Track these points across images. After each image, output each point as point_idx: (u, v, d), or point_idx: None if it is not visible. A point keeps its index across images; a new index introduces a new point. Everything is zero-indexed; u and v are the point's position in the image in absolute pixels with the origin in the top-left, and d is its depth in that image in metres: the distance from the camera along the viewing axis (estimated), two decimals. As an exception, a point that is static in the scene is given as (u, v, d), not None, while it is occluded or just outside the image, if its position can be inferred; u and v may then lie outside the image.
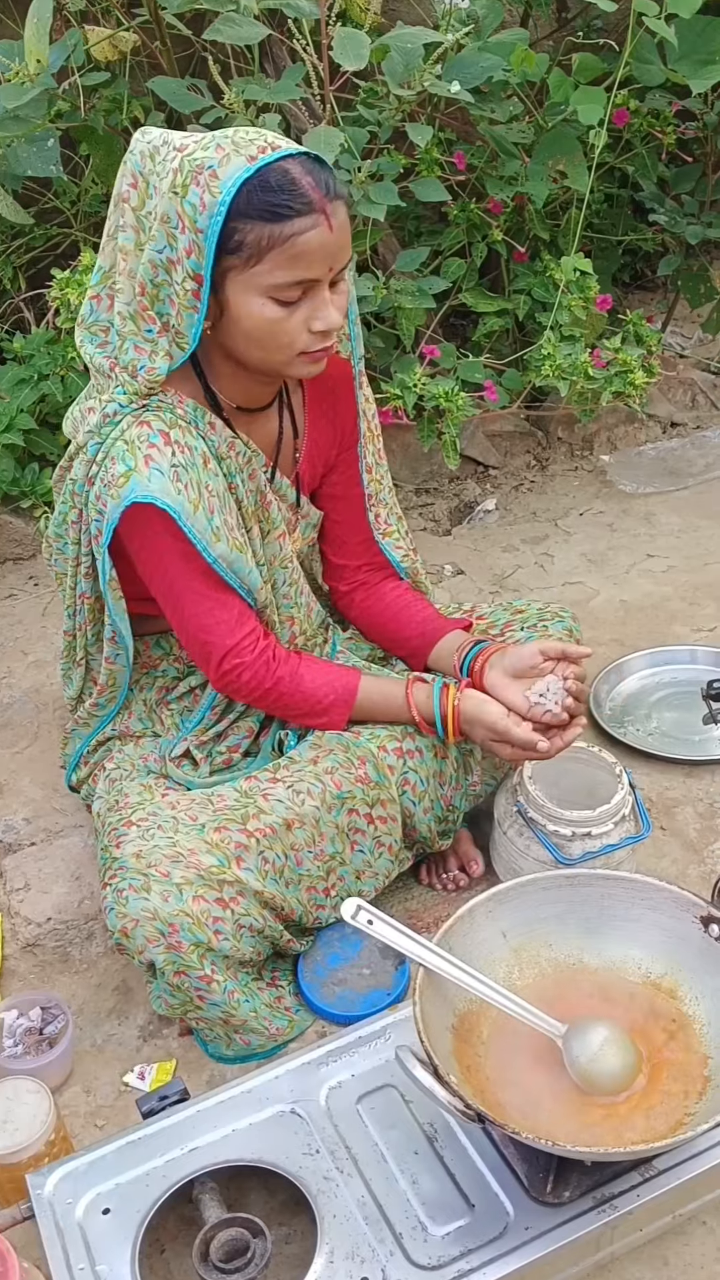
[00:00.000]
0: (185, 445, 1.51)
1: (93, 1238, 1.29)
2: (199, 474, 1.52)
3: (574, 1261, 1.29)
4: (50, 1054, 1.57)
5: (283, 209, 1.38)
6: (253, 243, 1.39)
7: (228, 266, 1.41)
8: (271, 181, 1.38)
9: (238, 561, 1.56)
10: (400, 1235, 1.27)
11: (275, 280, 1.41)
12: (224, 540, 1.54)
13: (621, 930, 1.45)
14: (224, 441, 1.57)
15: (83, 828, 1.93)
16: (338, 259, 1.43)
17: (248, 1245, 1.26)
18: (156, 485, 1.48)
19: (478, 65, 2.27)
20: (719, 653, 2.26)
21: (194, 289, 1.42)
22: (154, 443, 1.49)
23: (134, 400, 1.52)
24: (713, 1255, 1.35)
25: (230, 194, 1.37)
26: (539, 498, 2.85)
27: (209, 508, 1.52)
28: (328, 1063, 1.44)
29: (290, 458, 1.69)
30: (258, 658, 1.61)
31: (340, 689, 1.65)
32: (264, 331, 1.45)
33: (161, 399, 1.53)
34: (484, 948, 1.43)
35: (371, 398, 1.75)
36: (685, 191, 2.86)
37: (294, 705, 1.65)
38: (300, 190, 1.38)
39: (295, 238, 1.38)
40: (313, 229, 1.39)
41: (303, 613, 1.75)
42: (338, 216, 1.41)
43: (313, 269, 1.41)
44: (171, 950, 1.48)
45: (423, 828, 1.72)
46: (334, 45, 2.05)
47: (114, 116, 2.42)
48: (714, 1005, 1.37)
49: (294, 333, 1.45)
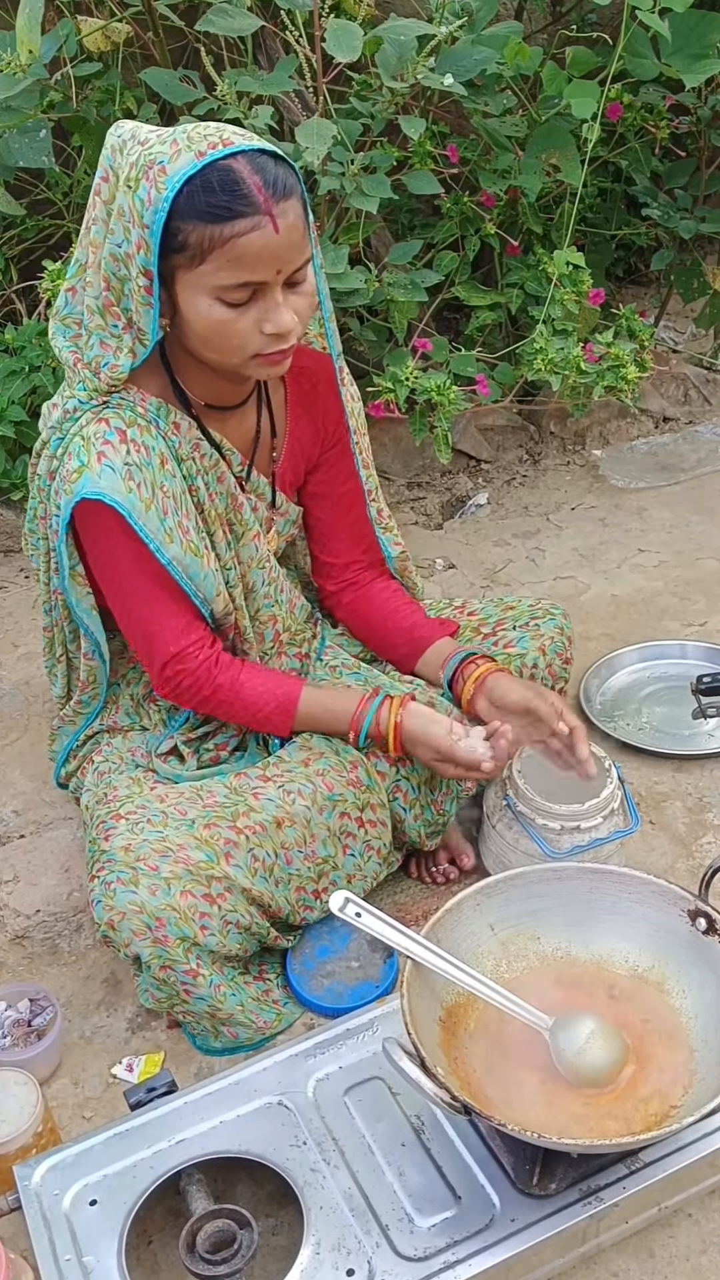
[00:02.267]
0: (142, 444, 1.50)
1: (80, 1229, 1.29)
2: (154, 474, 1.50)
3: (560, 1253, 1.29)
4: (38, 1046, 1.57)
5: (223, 210, 1.35)
6: (195, 243, 1.37)
7: (175, 265, 1.40)
8: (214, 181, 1.35)
9: (193, 565, 1.54)
10: (386, 1227, 1.27)
11: (219, 281, 1.38)
12: (177, 542, 1.52)
13: (609, 924, 1.45)
14: (188, 442, 1.56)
15: (72, 820, 1.92)
16: (287, 260, 1.40)
17: (234, 1236, 1.26)
18: (106, 482, 1.46)
19: (471, 58, 2.26)
20: (709, 648, 2.26)
21: (146, 285, 1.40)
22: (109, 440, 1.48)
23: (94, 397, 1.51)
24: (698, 1247, 1.36)
25: (173, 191, 1.35)
26: (531, 492, 2.85)
27: (162, 508, 1.51)
28: (315, 1055, 1.44)
29: (268, 456, 1.68)
30: (200, 665, 1.59)
31: (281, 698, 1.63)
32: (214, 332, 1.43)
33: (123, 397, 1.51)
34: (472, 941, 1.43)
35: (356, 395, 1.73)
36: (678, 186, 2.86)
37: (235, 712, 1.64)
38: (243, 191, 1.35)
39: (236, 239, 1.36)
40: (254, 231, 1.36)
41: (284, 610, 1.75)
42: (285, 218, 1.37)
43: (258, 271, 1.38)
44: (158, 944, 1.48)
45: (412, 833, 1.72)
46: (327, 37, 2.05)
47: (106, 107, 2.41)
48: (700, 998, 1.37)
49: (245, 335, 1.42)
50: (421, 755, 1.63)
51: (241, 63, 2.40)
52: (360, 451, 1.74)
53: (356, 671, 1.80)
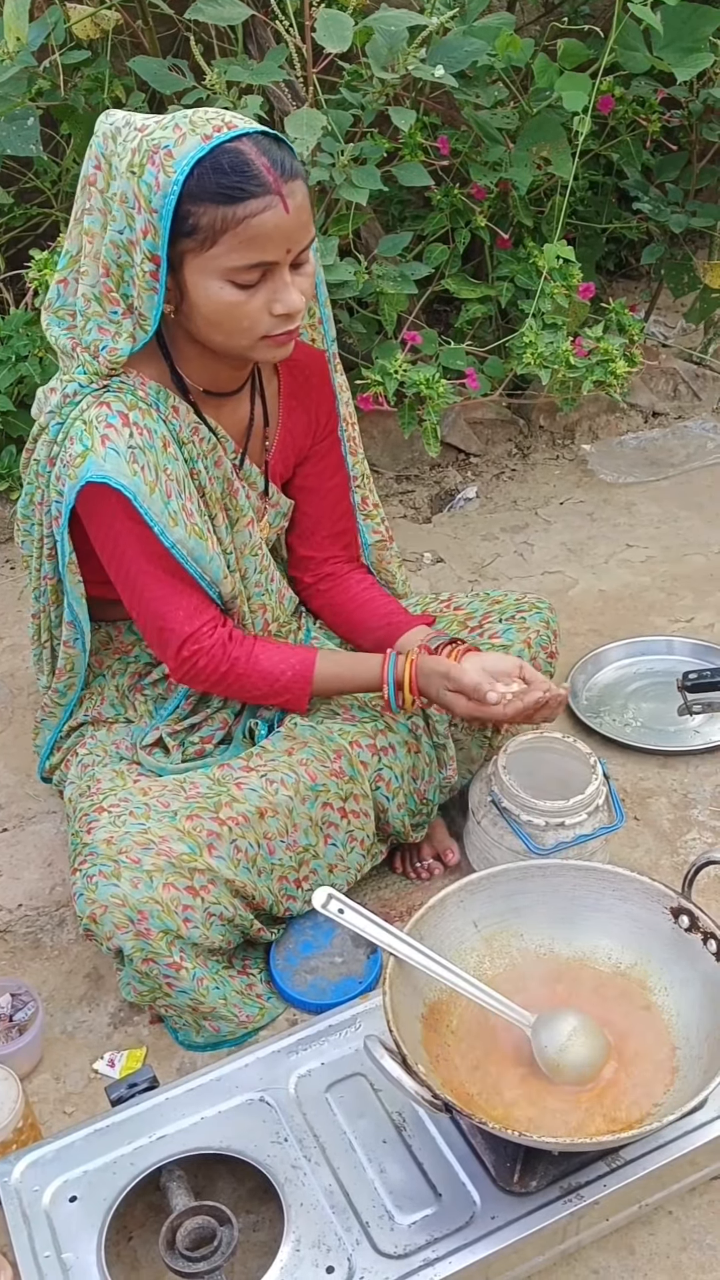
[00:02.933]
0: (144, 427, 1.50)
1: (59, 1225, 1.29)
2: (158, 456, 1.50)
3: (540, 1250, 1.29)
4: (20, 1041, 1.57)
5: (235, 191, 1.35)
6: (207, 226, 1.37)
7: (185, 249, 1.39)
8: (224, 163, 1.36)
9: (198, 548, 1.54)
10: (367, 1224, 1.27)
11: (231, 263, 1.39)
12: (182, 525, 1.52)
13: (592, 920, 1.45)
14: (187, 426, 1.55)
15: (55, 814, 1.92)
16: (296, 240, 1.40)
17: (214, 1233, 1.26)
18: (112, 465, 1.46)
19: (462, 49, 2.25)
20: (696, 644, 2.26)
21: (152, 270, 1.40)
22: (112, 423, 1.48)
23: (94, 380, 1.50)
24: (678, 1245, 1.36)
25: (183, 174, 1.35)
26: (520, 486, 2.85)
27: (166, 491, 1.50)
28: (297, 1051, 1.44)
29: (260, 445, 1.68)
30: (214, 644, 1.59)
31: (297, 664, 1.63)
32: (224, 315, 1.43)
33: (123, 380, 1.51)
34: (455, 937, 1.43)
35: (345, 383, 1.72)
36: (669, 180, 2.85)
37: (253, 686, 1.63)
38: (253, 171, 1.36)
39: (249, 220, 1.36)
40: (267, 210, 1.36)
41: (274, 600, 1.74)
42: (294, 198, 1.38)
43: (269, 251, 1.39)
44: (140, 937, 1.47)
45: (396, 822, 1.72)
46: (317, 27, 2.03)
47: (95, 95, 2.40)
48: (682, 995, 1.37)
49: (254, 316, 1.43)
50: (433, 688, 1.61)
51: (231, 52, 2.38)
52: (349, 439, 1.74)
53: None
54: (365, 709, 1.70)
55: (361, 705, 1.70)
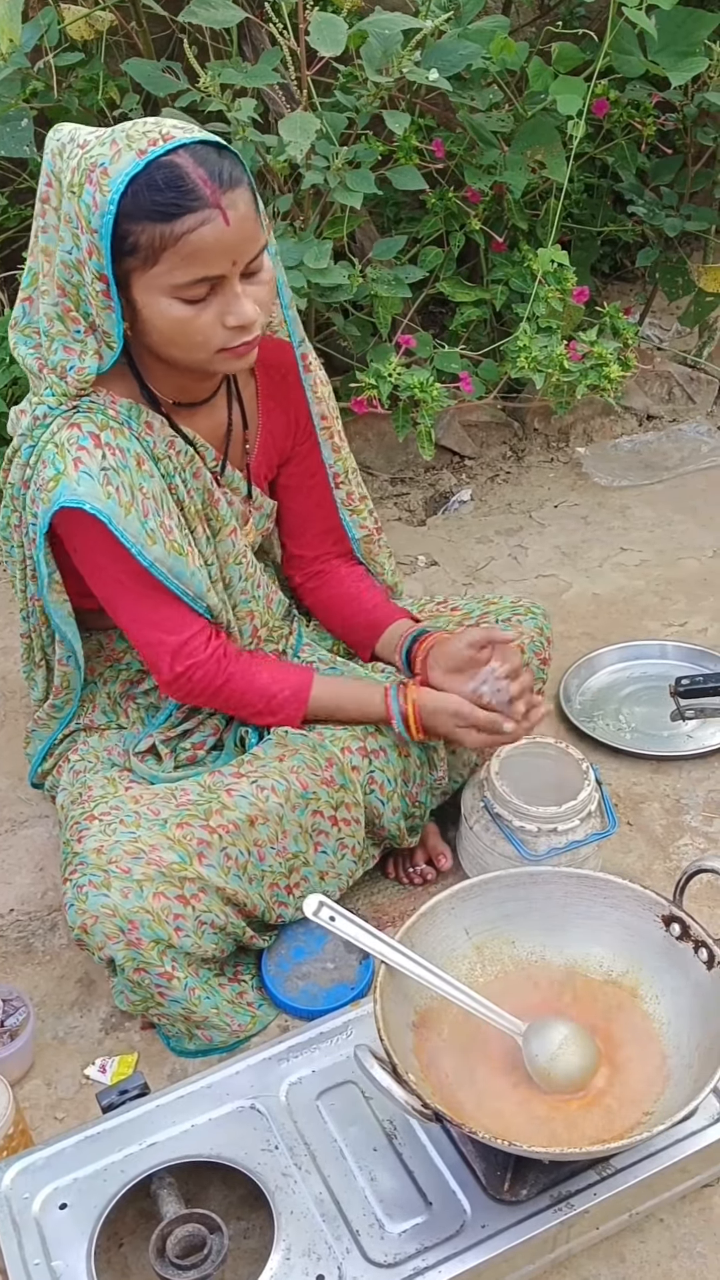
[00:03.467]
0: (117, 447, 1.48)
1: (49, 1232, 1.29)
2: (132, 475, 1.49)
3: (531, 1259, 1.29)
4: (11, 1046, 1.56)
5: (171, 208, 1.32)
6: (146, 244, 1.34)
7: (129, 268, 1.37)
8: (159, 179, 1.33)
9: (177, 565, 1.53)
10: (357, 1232, 1.27)
11: (175, 280, 1.36)
12: (160, 543, 1.50)
13: (583, 928, 1.45)
14: (162, 440, 1.54)
15: (47, 818, 1.91)
16: (241, 251, 1.37)
17: (205, 1241, 1.26)
18: (85, 489, 1.45)
19: (457, 53, 2.25)
20: (690, 649, 2.26)
21: (103, 289, 1.38)
22: (84, 445, 1.46)
23: (63, 401, 1.49)
24: (668, 1253, 1.36)
25: (117, 193, 1.33)
26: (514, 489, 2.85)
27: (143, 509, 1.49)
28: (289, 1058, 1.44)
29: (241, 449, 1.66)
30: (210, 656, 1.59)
31: (295, 684, 1.64)
32: (176, 331, 1.40)
33: (93, 400, 1.49)
34: (446, 945, 1.43)
35: (324, 379, 1.70)
36: (664, 183, 2.85)
37: (248, 703, 1.63)
38: (189, 186, 1.33)
39: (187, 236, 1.33)
40: (205, 225, 1.33)
41: (262, 605, 1.74)
42: (235, 209, 1.34)
43: (213, 266, 1.36)
44: (131, 947, 1.47)
45: (391, 826, 1.71)
46: (312, 30, 2.03)
47: (89, 97, 2.39)
48: (674, 1004, 1.37)
49: (207, 330, 1.40)
50: (443, 725, 1.62)
51: (226, 54, 2.38)
52: (330, 436, 1.71)
53: (333, 667, 1.80)
54: None
55: None
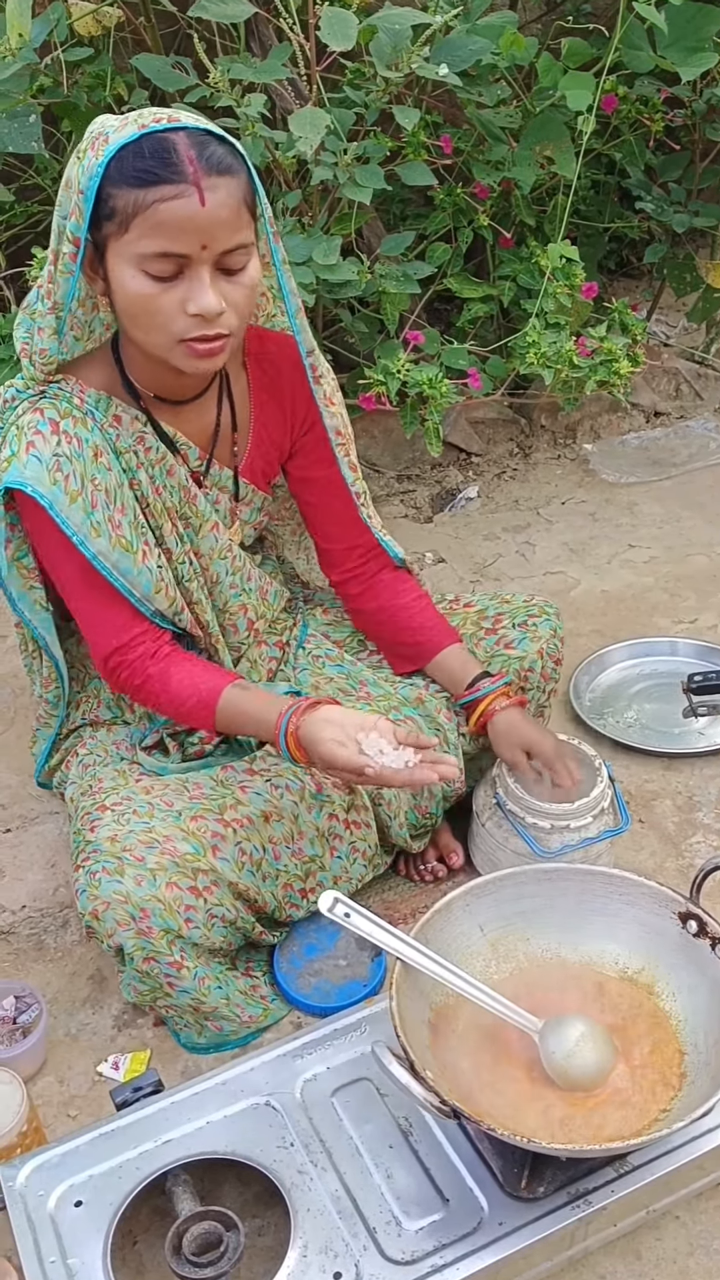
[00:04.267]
0: (75, 436, 1.47)
1: (65, 1230, 1.28)
2: (85, 466, 1.47)
3: (548, 1256, 1.29)
4: (24, 1043, 1.56)
5: (149, 175, 1.32)
6: (122, 209, 1.34)
7: (107, 234, 1.37)
8: (146, 149, 1.33)
9: (122, 560, 1.50)
10: (374, 1230, 1.26)
11: (141, 250, 1.35)
12: (105, 536, 1.49)
13: (599, 925, 1.45)
14: (129, 435, 1.53)
15: (58, 815, 1.91)
16: (213, 237, 1.34)
17: (221, 1238, 1.25)
18: (31, 472, 1.44)
19: (466, 48, 2.24)
20: (700, 645, 2.25)
21: (71, 252, 1.38)
22: (40, 430, 1.46)
23: (31, 385, 1.49)
24: (685, 1250, 1.36)
25: (109, 155, 1.33)
26: (521, 486, 2.84)
27: (91, 501, 1.48)
28: (303, 1055, 1.44)
29: (229, 449, 1.64)
30: (138, 657, 1.56)
31: (205, 693, 1.54)
32: (137, 307, 1.38)
33: (60, 387, 1.49)
34: (461, 941, 1.42)
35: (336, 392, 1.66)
36: (672, 179, 2.85)
37: (162, 705, 1.58)
38: (172, 159, 1.33)
39: (158, 204, 1.32)
40: (177, 198, 1.32)
41: (255, 599, 1.73)
42: (215, 193, 1.33)
43: (180, 242, 1.34)
44: (141, 935, 1.46)
45: (399, 839, 1.71)
46: (321, 25, 2.02)
47: (97, 93, 2.39)
48: (690, 1001, 1.37)
49: (168, 313, 1.37)
50: (317, 762, 1.48)
51: (234, 50, 2.37)
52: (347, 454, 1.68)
53: (339, 664, 1.79)
54: None
55: None
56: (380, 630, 1.80)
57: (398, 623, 1.77)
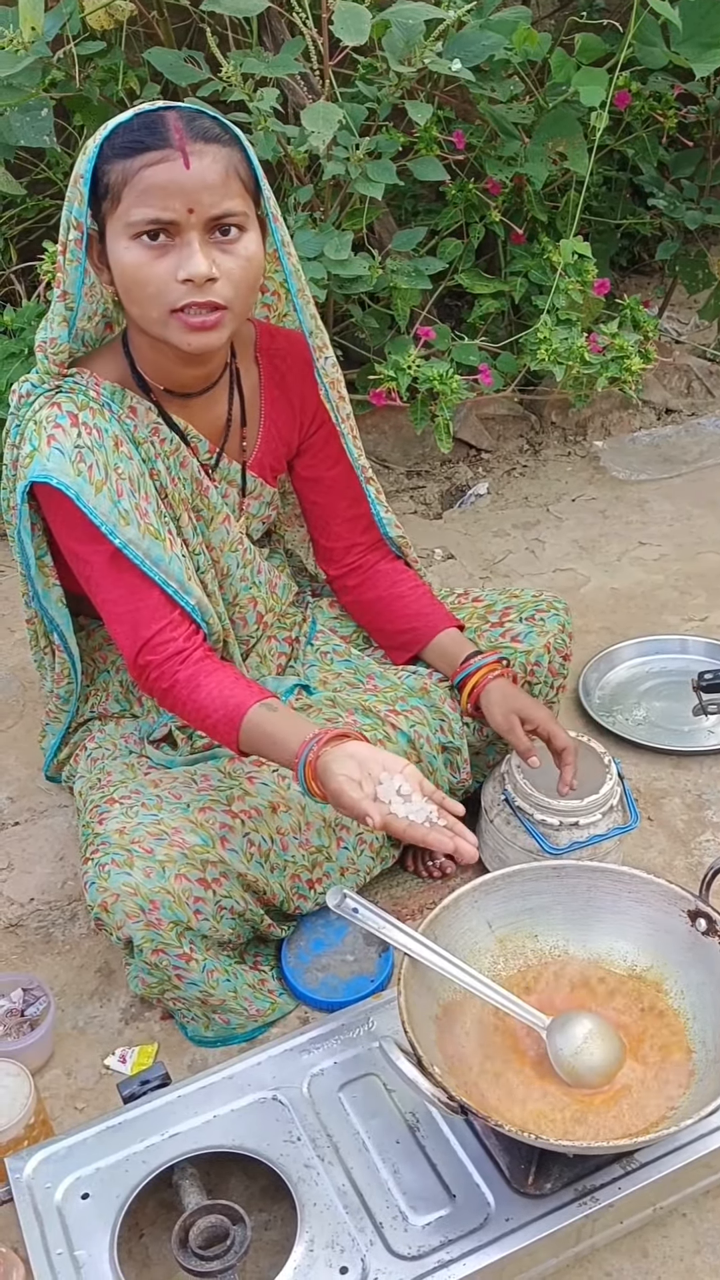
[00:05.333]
0: (94, 427, 1.47)
1: (71, 1222, 1.29)
2: (108, 455, 1.48)
3: (554, 1253, 1.29)
4: (31, 1036, 1.56)
5: (135, 144, 1.34)
6: (115, 182, 1.36)
7: (105, 213, 1.38)
8: (135, 123, 1.35)
9: (153, 548, 1.50)
10: (381, 1224, 1.26)
11: (131, 218, 1.35)
12: (134, 524, 1.48)
13: (608, 922, 1.44)
14: (145, 426, 1.53)
15: (66, 808, 1.91)
16: (199, 202, 1.34)
17: (227, 1232, 1.25)
18: (55, 464, 1.44)
19: (479, 43, 2.24)
20: (710, 643, 2.25)
21: (76, 238, 1.40)
22: (60, 423, 1.46)
23: (46, 380, 1.49)
24: (691, 1248, 1.35)
25: (103, 139, 1.36)
26: (531, 482, 2.84)
27: (117, 490, 1.47)
28: (310, 1050, 1.44)
29: (238, 443, 1.64)
30: (165, 657, 1.50)
31: (231, 711, 1.47)
32: (131, 279, 1.38)
33: (76, 380, 1.50)
34: (469, 938, 1.42)
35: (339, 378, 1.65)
36: (685, 176, 2.84)
37: (188, 714, 1.52)
38: (158, 129, 1.34)
39: (144, 170, 1.33)
40: (162, 162, 1.33)
41: (265, 592, 1.73)
42: (201, 158, 1.34)
43: (168, 207, 1.34)
44: (151, 927, 1.47)
45: None
46: (334, 19, 2.02)
47: (109, 87, 2.39)
48: (699, 999, 1.37)
49: (160, 281, 1.36)
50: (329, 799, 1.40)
51: (247, 44, 2.37)
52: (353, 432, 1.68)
53: (347, 659, 1.80)
54: (367, 714, 1.69)
55: (365, 710, 1.69)
56: (377, 620, 1.80)
57: (394, 611, 1.77)
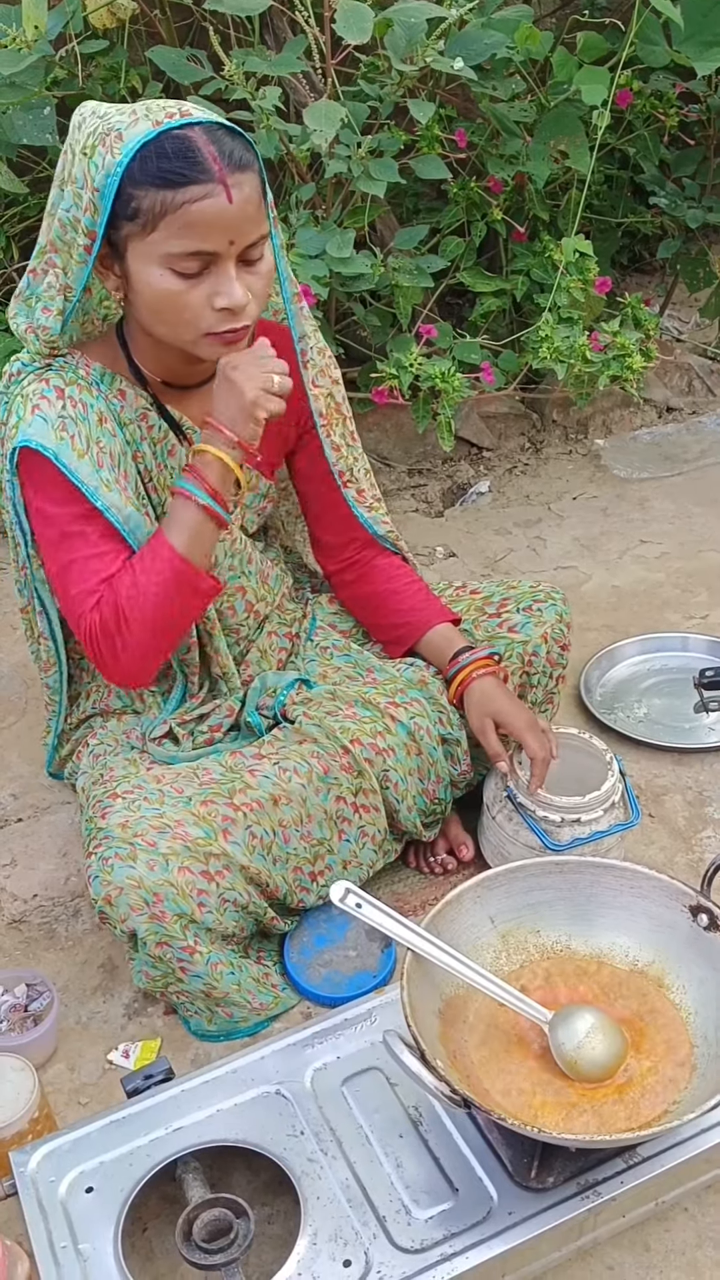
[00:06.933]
0: (80, 401, 1.50)
1: (76, 1216, 1.29)
2: (90, 429, 1.50)
3: (557, 1246, 1.29)
4: (35, 1031, 1.57)
5: (176, 176, 1.35)
6: (148, 209, 1.36)
7: (127, 234, 1.39)
8: (169, 148, 1.35)
9: (133, 516, 1.51)
10: (384, 1218, 1.27)
11: (170, 249, 1.37)
12: (116, 493, 1.50)
13: (610, 918, 1.45)
14: (133, 409, 1.55)
15: (70, 804, 1.92)
16: (240, 232, 1.38)
17: (231, 1225, 1.26)
18: (36, 429, 1.46)
19: (481, 42, 2.24)
20: (711, 641, 2.25)
21: (86, 244, 1.40)
22: (46, 395, 1.49)
23: (36, 360, 1.52)
24: (693, 1242, 1.36)
25: (129, 155, 1.35)
26: (532, 481, 2.84)
27: (98, 461, 1.49)
28: (313, 1044, 1.44)
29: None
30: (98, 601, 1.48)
31: (155, 548, 1.47)
32: (164, 304, 1.41)
33: (66, 361, 1.52)
34: (472, 933, 1.42)
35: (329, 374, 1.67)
36: (686, 175, 2.85)
37: (136, 608, 1.46)
38: (198, 159, 1.35)
39: (188, 206, 1.35)
40: (208, 198, 1.35)
41: (255, 581, 1.73)
42: (240, 189, 1.36)
43: (209, 240, 1.37)
44: (155, 920, 1.47)
45: (408, 824, 1.71)
46: (336, 18, 2.03)
47: (112, 85, 2.39)
48: (701, 994, 1.37)
49: (196, 309, 1.40)
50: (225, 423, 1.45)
51: (249, 43, 2.37)
52: (329, 434, 1.69)
53: (347, 653, 1.81)
54: (367, 706, 1.69)
55: (365, 703, 1.70)
56: (373, 615, 1.81)
57: (389, 606, 1.79)
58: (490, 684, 1.70)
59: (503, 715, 1.68)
